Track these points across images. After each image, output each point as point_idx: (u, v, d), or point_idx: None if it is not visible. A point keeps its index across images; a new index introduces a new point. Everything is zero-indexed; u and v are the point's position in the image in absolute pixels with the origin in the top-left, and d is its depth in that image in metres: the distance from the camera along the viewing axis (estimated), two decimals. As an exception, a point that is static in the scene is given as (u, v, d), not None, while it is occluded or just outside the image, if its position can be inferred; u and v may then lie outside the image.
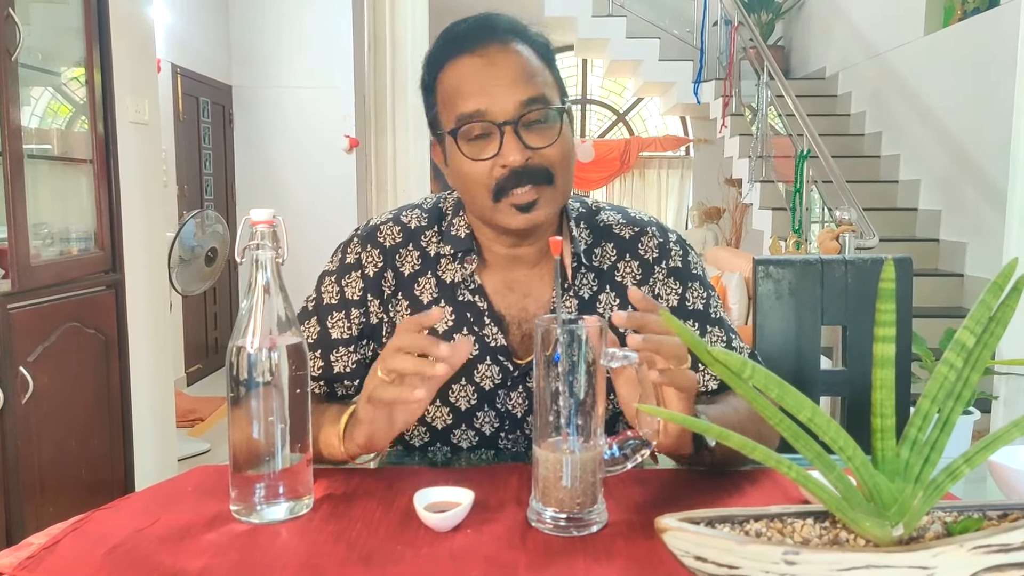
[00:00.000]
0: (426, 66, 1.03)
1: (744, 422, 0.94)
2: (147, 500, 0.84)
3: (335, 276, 1.08)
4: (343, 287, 1.07)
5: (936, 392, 0.58)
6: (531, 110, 0.95)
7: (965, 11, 4.96)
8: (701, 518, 0.58)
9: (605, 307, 1.06)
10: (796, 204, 4.70)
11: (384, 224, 1.09)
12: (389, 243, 1.07)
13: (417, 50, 2.83)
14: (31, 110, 2.23)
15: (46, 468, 1.98)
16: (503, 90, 0.95)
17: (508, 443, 1.07)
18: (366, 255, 1.07)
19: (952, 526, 0.58)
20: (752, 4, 7.19)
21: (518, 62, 0.97)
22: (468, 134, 0.97)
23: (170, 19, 4.53)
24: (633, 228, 1.10)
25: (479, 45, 0.97)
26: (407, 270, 1.07)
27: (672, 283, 1.08)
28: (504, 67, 0.96)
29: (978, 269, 4.50)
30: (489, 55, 0.97)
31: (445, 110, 0.99)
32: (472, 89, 0.96)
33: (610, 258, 1.08)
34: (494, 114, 0.95)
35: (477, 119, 0.95)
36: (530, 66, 0.98)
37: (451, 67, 0.98)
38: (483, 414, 1.06)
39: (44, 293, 2.01)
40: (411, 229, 1.08)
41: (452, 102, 0.98)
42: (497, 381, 1.05)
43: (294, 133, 5.45)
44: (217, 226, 3.56)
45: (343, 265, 1.08)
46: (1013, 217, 2.51)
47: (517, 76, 0.96)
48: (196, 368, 4.86)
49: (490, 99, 0.95)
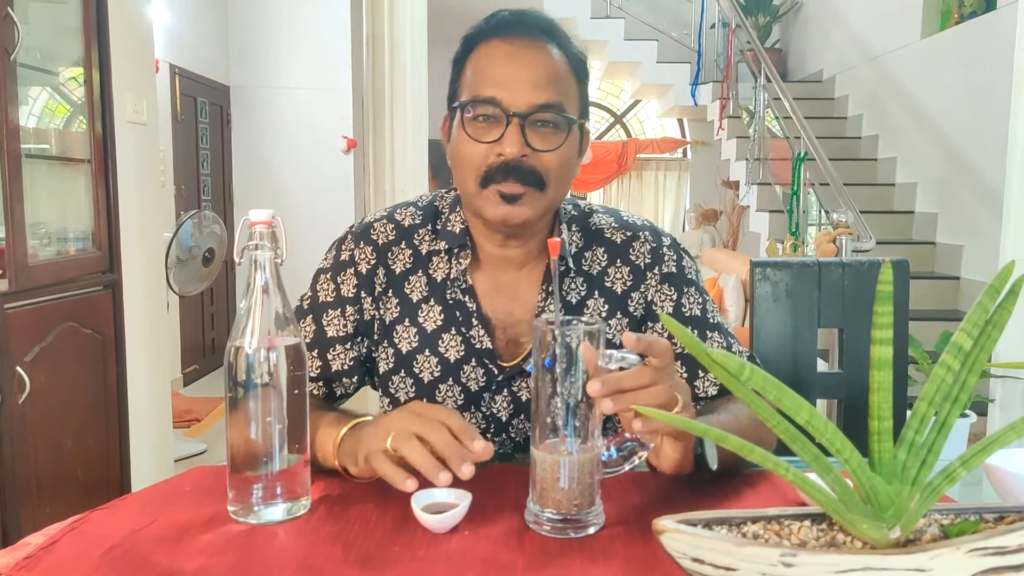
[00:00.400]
0: (463, 41, 1.03)
1: (745, 431, 0.94)
2: (144, 500, 0.84)
3: (330, 273, 1.08)
4: (339, 284, 1.07)
5: (933, 395, 0.58)
6: (543, 111, 0.96)
7: (962, 14, 4.98)
8: (699, 520, 0.58)
9: (592, 312, 1.06)
10: (793, 206, 4.71)
11: (378, 222, 1.09)
12: (382, 241, 1.07)
13: (415, 51, 2.83)
14: (29, 110, 2.23)
15: (42, 468, 1.98)
16: (522, 85, 0.95)
17: (495, 446, 1.07)
18: (359, 252, 1.07)
19: (949, 528, 0.58)
20: (750, 7, 7.21)
21: (545, 62, 0.98)
22: (476, 115, 0.97)
23: (168, 19, 4.52)
24: (625, 232, 1.09)
25: (514, 35, 0.98)
26: (398, 268, 1.07)
27: (667, 289, 1.07)
28: (530, 63, 0.97)
29: (974, 272, 4.51)
30: (519, 47, 0.98)
31: (465, 86, 1.00)
32: (494, 74, 0.97)
33: (600, 263, 1.07)
34: (506, 104, 0.95)
35: (489, 103, 0.96)
36: (555, 71, 0.98)
37: (482, 48, 0.99)
38: (469, 415, 1.06)
39: (41, 293, 2.01)
40: (404, 227, 1.08)
41: (473, 81, 0.98)
42: (482, 384, 1.05)
43: (292, 134, 5.44)
44: (214, 226, 3.55)
45: (338, 262, 1.08)
46: (1009, 220, 2.52)
47: (540, 76, 0.96)
48: (193, 368, 4.86)
49: (508, 90, 0.95)
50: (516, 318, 1.05)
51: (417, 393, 1.06)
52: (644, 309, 1.07)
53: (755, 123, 5.69)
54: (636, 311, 1.07)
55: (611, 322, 1.06)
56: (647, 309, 1.07)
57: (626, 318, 1.06)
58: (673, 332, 0.59)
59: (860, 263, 1.40)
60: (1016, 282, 0.57)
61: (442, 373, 1.05)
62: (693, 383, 1.05)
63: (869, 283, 1.39)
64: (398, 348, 1.06)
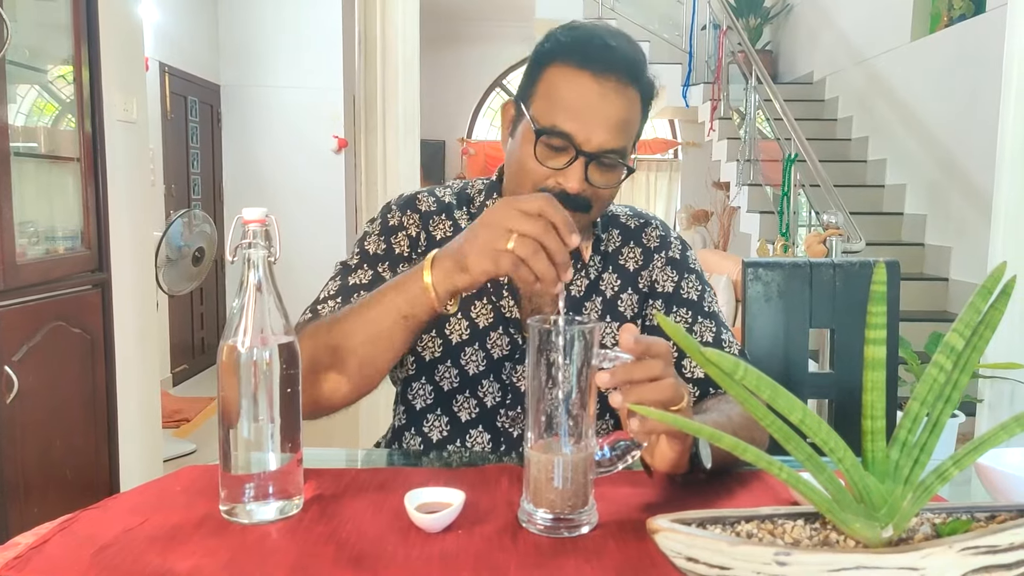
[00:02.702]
0: (550, 42, 1.04)
1: (737, 430, 0.94)
2: (136, 500, 0.84)
3: (381, 236, 1.12)
4: (391, 244, 1.11)
5: (926, 394, 0.59)
6: (610, 155, 1.00)
7: (951, 17, 5.01)
8: (692, 519, 0.58)
9: (607, 286, 1.14)
10: (784, 208, 4.73)
11: (421, 193, 1.17)
12: (425, 208, 1.14)
13: (408, 50, 2.83)
14: (17, 108, 2.21)
15: (31, 468, 1.97)
16: (599, 130, 0.99)
17: (507, 420, 1.09)
18: (407, 218, 1.13)
19: (941, 527, 0.59)
20: (741, 9, 7.23)
21: (625, 109, 1.01)
22: (549, 140, 1.00)
23: (159, 17, 4.50)
24: (639, 219, 1.20)
25: (603, 72, 0.99)
26: (439, 235, 1.13)
27: (669, 271, 1.16)
28: (613, 108, 0.99)
29: (963, 273, 4.54)
30: (607, 90, 0.99)
31: (541, 99, 1.02)
32: (575, 111, 0.99)
33: (615, 243, 1.17)
34: (579, 142, 0.99)
35: (564, 137, 0.99)
36: (630, 115, 1.02)
37: (568, 72, 1.00)
38: (488, 383, 1.09)
39: (30, 292, 2.00)
40: (444, 203, 1.16)
41: (551, 106, 1.00)
42: (506, 352, 1.09)
43: (282, 133, 5.43)
44: (204, 226, 3.54)
45: (387, 227, 1.13)
46: (998, 222, 2.53)
47: (616, 123, 1.00)
48: (182, 368, 4.83)
49: (584, 130, 0.98)
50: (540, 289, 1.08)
51: (443, 353, 1.10)
52: (648, 288, 1.15)
53: (746, 124, 5.70)
54: (644, 287, 1.15)
55: (623, 296, 1.14)
56: (651, 288, 1.15)
57: (636, 295, 1.14)
58: (667, 330, 0.59)
59: (851, 264, 1.41)
60: (1008, 283, 0.58)
61: (470, 336, 1.10)
62: (681, 362, 1.09)
63: (860, 284, 1.40)
64: None
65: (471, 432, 1.10)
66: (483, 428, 1.09)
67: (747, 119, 5.65)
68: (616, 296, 1.13)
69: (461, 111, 8.93)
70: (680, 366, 1.09)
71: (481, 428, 1.09)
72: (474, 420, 1.10)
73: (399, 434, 1.14)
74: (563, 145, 0.99)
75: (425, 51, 3.11)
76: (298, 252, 4.46)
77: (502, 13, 8.03)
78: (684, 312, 1.12)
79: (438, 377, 1.10)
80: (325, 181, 5.47)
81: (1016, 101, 2.45)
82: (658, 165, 9.32)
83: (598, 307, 1.12)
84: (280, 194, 5.35)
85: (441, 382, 1.10)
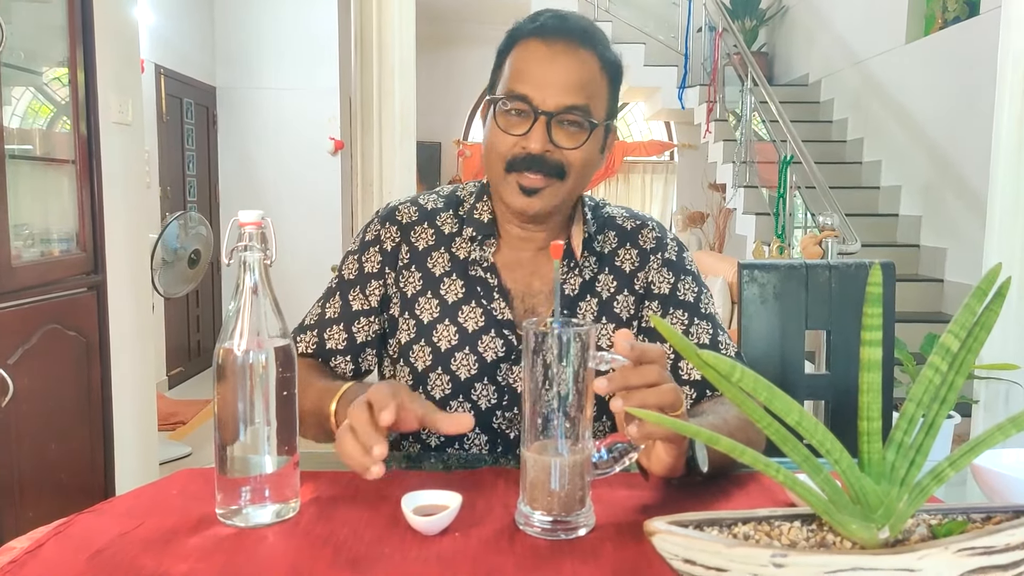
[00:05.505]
0: (507, 36, 1.09)
1: (733, 432, 0.94)
2: (131, 503, 0.84)
3: (357, 254, 1.16)
4: (362, 263, 1.15)
5: (921, 396, 0.59)
6: (569, 112, 1.02)
7: (946, 20, 5.02)
8: (689, 521, 0.58)
9: (603, 287, 1.13)
10: (779, 209, 4.74)
11: (402, 204, 1.18)
12: (406, 220, 1.16)
13: (404, 52, 2.83)
14: (12, 110, 2.20)
15: (26, 472, 1.96)
16: (553, 87, 1.01)
17: (503, 422, 1.09)
18: (384, 232, 1.15)
19: (937, 529, 0.59)
20: (736, 11, 7.24)
21: (578, 67, 1.03)
22: (509, 109, 1.04)
23: (154, 20, 4.50)
24: (635, 221, 1.19)
25: (553, 37, 1.03)
26: (421, 245, 1.14)
27: (665, 272, 1.15)
28: (564, 67, 1.02)
29: (958, 275, 4.55)
30: (556, 51, 1.03)
31: (502, 80, 1.06)
32: (529, 74, 1.03)
33: (611, 244, 1.16)
34: (536, 102, 1.01)
35: (521, 100, 1.02)
36: (587, 75, 1.03)
37: (523, 45, 1.05)
38: (482, 386, 1.09)
39: (25, 294, 1.99)
40: (427, 210, 1.17)
41: (510, 77, 1.04)
42: (500, 354, 1.09)
43: (278, 135, 5.43)
44: (200, 228, 3.53)
45: (363, 243, 1.16)
46: (993, 223, 2.54)
47: (571, 79, 1.02)
48: (178, 371, 4.82)
49: (539, 90, 1.01)
50: (535, 289, 1.11)
51: (434, 361, 1.10)
52: (644, 289, 1.14)
53: (741, 126, 5.72)
54: (640, 289, 1.15)
55: (619, 298, 1.13)
56: (647, 289, 1.14)
57: (632, 296, 1.13)
58: (663, 332, 0.59)
59: (847, 265, 1.41)
60: (1003, 284, 0.58)
61: (459, 342, 1.09)
62: (677, 364, 1.10)
63: (856, 285, 1.40)
64: (419, 319, 1.11)
65: (468, 435, 1.09)
66: (480, 430, 1.09)
67: (743, 121, 5.66)
68: (612, 297, 1.12)
69: (457, 113, 8.92)
70: (676, 368, 1.09)
71: (478, 430, 1.09)
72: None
73: (397, 439, 1.15)
74: (523, 108, 1.02)
75: (421, 53, 3.11)
76: (294, 254, 4.47)
77: (498, 15, 8.02)
78: (680, 314, 1.12)
79: (430, 385, 1.10)
80: (321, 183, 5.47)
81: (1010, 102, 2.46)
82: (654, 167, 9.32)
83: (594, 308, 1.11)
84: (276, 196, 5.35)
85: (433, 390, 1.10)
